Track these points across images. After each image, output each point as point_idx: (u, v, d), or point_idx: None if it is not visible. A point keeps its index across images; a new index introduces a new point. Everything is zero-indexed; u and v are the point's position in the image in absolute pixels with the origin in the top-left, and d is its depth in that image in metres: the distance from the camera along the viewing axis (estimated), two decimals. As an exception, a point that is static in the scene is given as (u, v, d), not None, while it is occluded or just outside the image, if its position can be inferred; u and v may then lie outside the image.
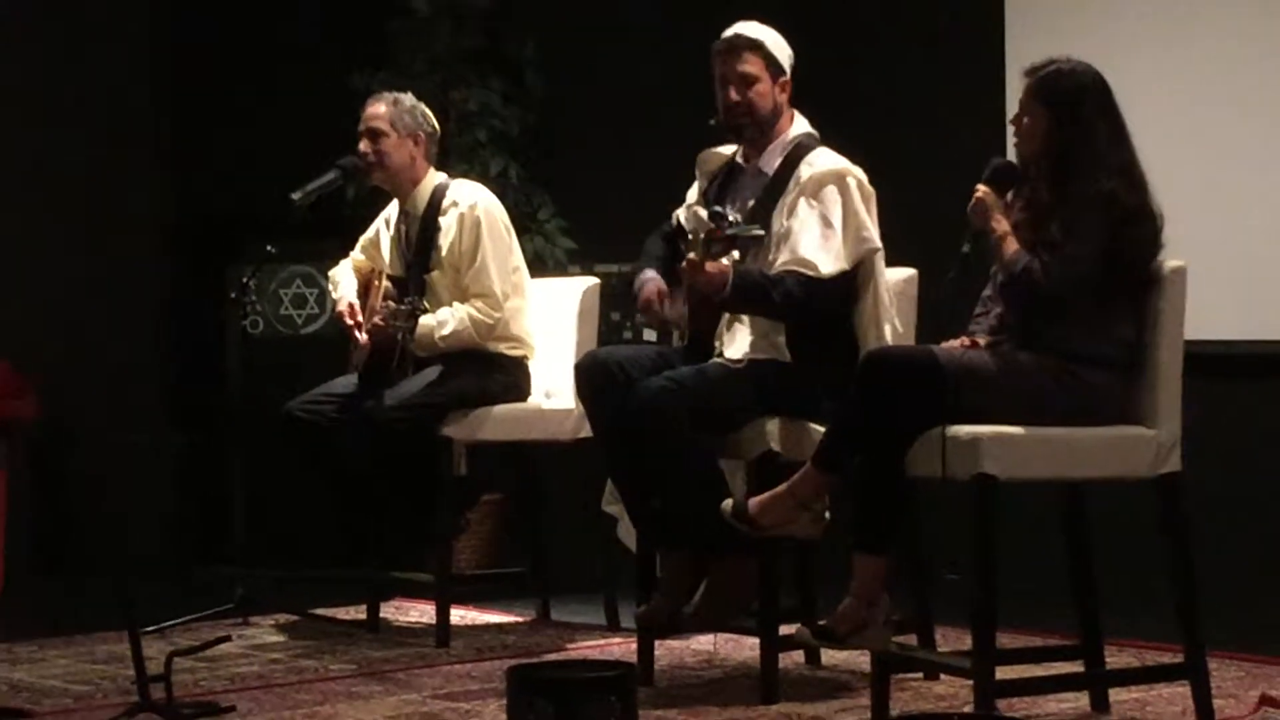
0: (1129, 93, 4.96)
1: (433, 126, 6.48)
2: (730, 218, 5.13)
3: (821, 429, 5.01)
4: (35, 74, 8.06)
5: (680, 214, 5.60)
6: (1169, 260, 4.84)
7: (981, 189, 4.92)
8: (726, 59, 5.47)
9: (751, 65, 5.44)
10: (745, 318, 5.35)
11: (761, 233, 5.20)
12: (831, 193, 5.30)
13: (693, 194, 5.65)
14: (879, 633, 4.85)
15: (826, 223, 5.27)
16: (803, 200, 5.30)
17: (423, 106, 6.48)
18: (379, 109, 6.43)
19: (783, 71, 5.46)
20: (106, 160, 8.16)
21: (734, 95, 5.45)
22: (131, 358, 8.15)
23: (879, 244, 5.32)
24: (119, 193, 8.19)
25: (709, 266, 5.08)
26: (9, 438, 7.56)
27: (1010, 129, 5.01)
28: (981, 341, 4.91)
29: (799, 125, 5.51)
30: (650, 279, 5.47)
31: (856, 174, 5.36)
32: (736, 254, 5.09)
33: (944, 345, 4.90)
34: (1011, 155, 5.12)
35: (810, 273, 5.20)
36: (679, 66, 5.61)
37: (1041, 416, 4.74)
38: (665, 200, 5.73)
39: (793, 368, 5.28)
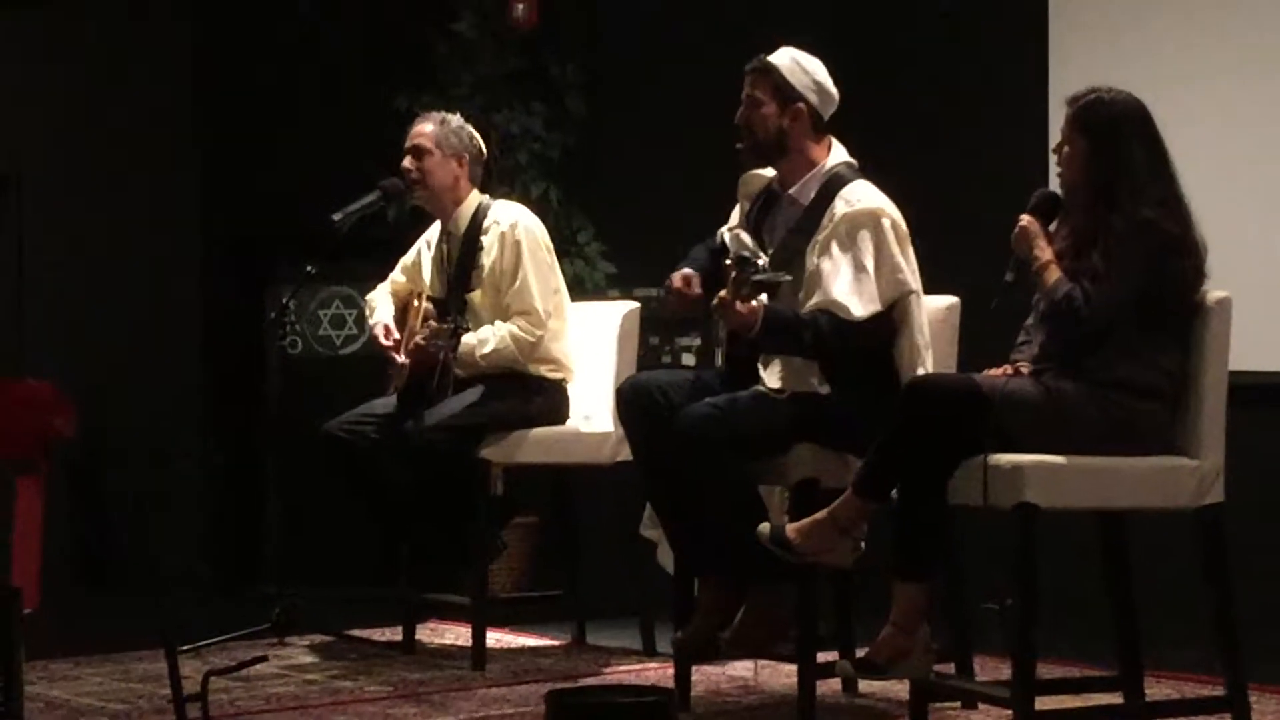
0: (1172, 123, 4.95)
1: (479, 148, 6.49)
2: (758, 262, 5.10)
3: (860, 460, 5.00)
4: (78, 94, 8.09)
5: (724, 233, 5.60)
6: (1213, 291, 4.83)
7: (1025, 218, 4.91)
8: (744, 82, 5.49)
9: (757, 90, 5.44)
10: (784, 348, 5.34)
11: (788, 278, 5.18)
12: (865, 234, 5.27)
13: (735, 216, 5.64)
14: (919, 661, 4.84)
15: (859, 265, 5.24)
16: (836, 241, 5.27)
17: (470, 128, 6.49)
18: (425, 128, 6.44)
19: (795, 98, 5.42)
20: (147, 181, 8.19)
21: (737, 118, 5.47)
22: (171, 377, 8.17)
23: (912, 286, 5.29)
24: (160, 213, 8.22)
25: (739, 307, 5.07)
26: (48, 456, 7.58)
27: (1053, 158, 5.00)
28: (1024, 370, 4.90)
29: (837, 155, 5.48)
30: (683, 269, 5.46)
31: (891, 214, 5.32)
32: (765, 297, 5.08)
33: (986, 373, 4.89)
34: (1055, 185, 5.11)
35: (842, 315, 5.19)
36: (720, 90, 5.59)
37: (1084, 445, 4.72)
38: (705, 224, 5.72)
39: (832, 399, 5.26)
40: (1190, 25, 6.57)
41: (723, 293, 5.09)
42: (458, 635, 6.71)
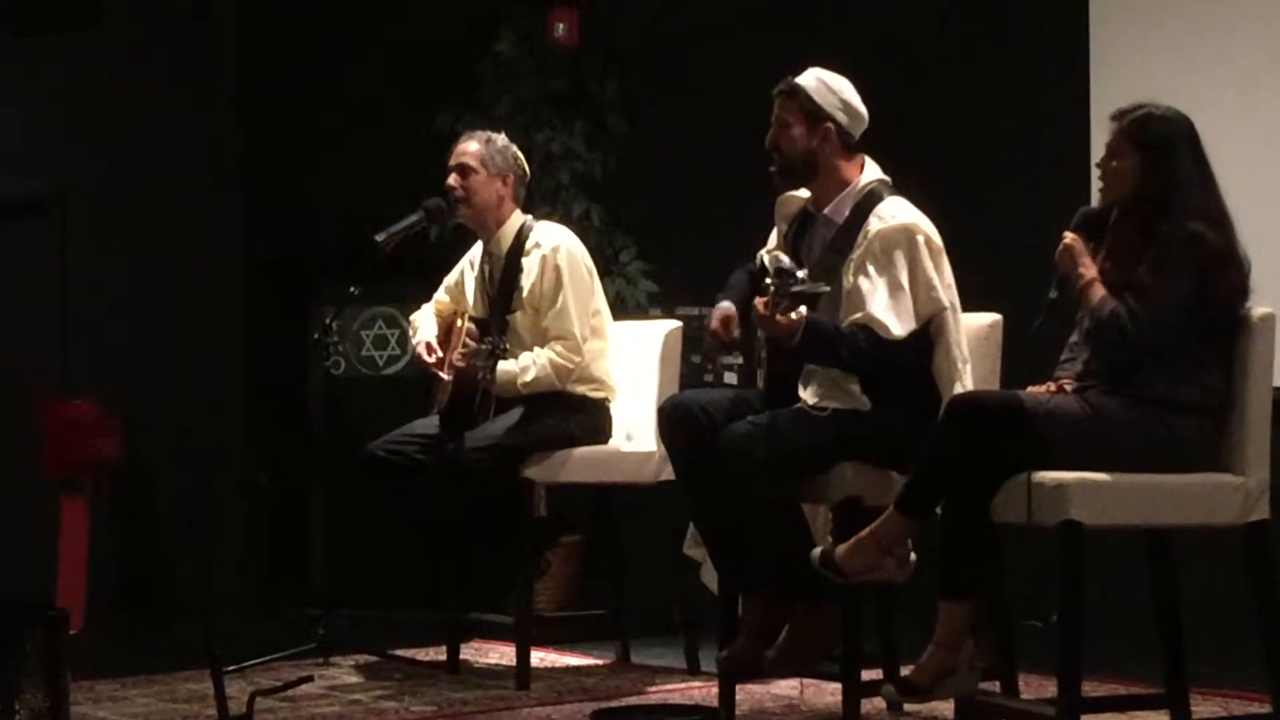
0: (1213, 139, 4.94)
1: (523, 169, 6.50)
2: (798, 274, 5.10)
3: (903, 478, 5.00)
4: (121, 116, 8.13)
5: (764, 255, 5.60)
6: (1257, 307, 4.81)
7: (1069, 236, 4.91)
8: (775, 103, 5.50)
9: (785, 111, 5.46)
10: (823, 365, 5.34)
11: (827, 289, 5.17)
12: (899, 252, 5.26)
13: (773, 239, 5.65)
14: (964, 679, 4.84)
15: (896, 283, 5.23)
16: (871, 259, 5.26)
17: (515, 148, 6.50)
18: (471, 146, 6.46)
19: (824, 118, 5.42)
20: (191, 201, 8.22)
21: (767, 140, 5.48)
22: (215, 398, 8.21)
23: (947, 303, 5.28)
24: (203, 234, 8.25)
25: (779, 318, 5.07)
26: (94, 476, 7.61)
27: (1096, 173, 4.99)
28: (1068, 387, 4.89)
29: (870, 172, 5.48)
30: (723, 306, 5.47)
31: (925, 229, 5.32)
32: (804, 309, 5.08)
33: (1030, 390, 4.89)
34: (1096, 200, 5.10)
35: (881, 333, 5.18)
36: (760, 110, 5.60)
37: (1128, 462, 4.72)
38: (746, 244, 5.73)
39: (873, 416, 5.26)
40: (1233, 42, 6.56)
41: (760, 302, 5.08)
42: (502, 655, 6.72)
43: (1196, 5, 6.70)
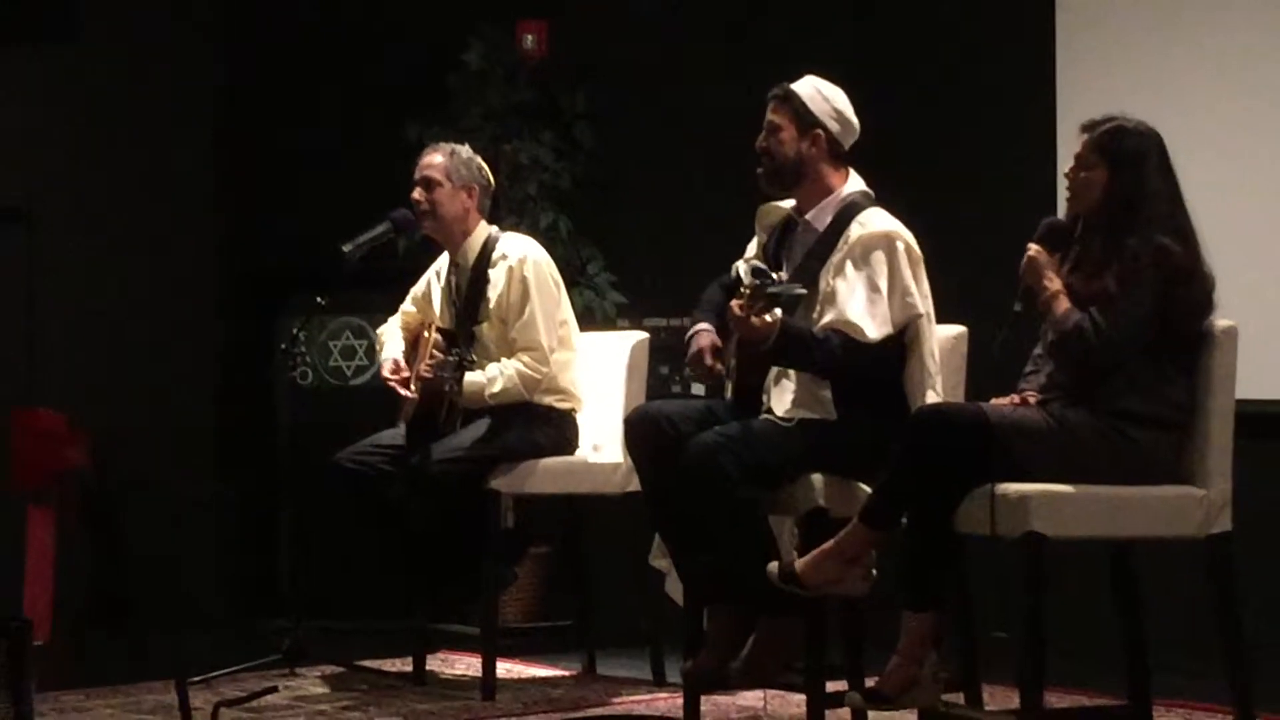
0: (1178, 153, 4.96)
1: (488, 180, 6.51)
2: (774, 275, 5.12)
3: (869, 488, 5.01)
4: (90, 128, 8.12)
5: (740, 266, 5.61)
6: (1220, 320, 4.83)
7: (1033, 248, 4.92)
8: (767, 108, 5.52)
9: (776, 115, 5.47)
10: (792, 374, 5.35)
11: (804, 291, 5.19)
12: (879, 256, 5.28)
13: (752, 248, 5.65)
14: (927, 690, 4.84)
15: (873, 286, 5.25)
16: (850, 262, 5.29)
17: (479, 160, 6.51)
18: (435, 159, 6.46)
19: (814, 125, 5.45)
20: (157, 212, 8.20)
21: (758, 142, 5.49)
22: (182, 408, 8.18)
23: (923, 310, 5.29)
24: (170, 244, 8.23)
25: (753, 320, 5.07)
26: (61, 487, 7.59)
27: (1063, 183, 5.00)
28: (1032, 399, 4.90)
29: (853, 184, 5.50)
30: (703, 331, 5.47)
31: (905, 237, 5.34)
32: (779, 311, 5.09)
33: (994, 403, 4.90)
34: (1063, 212, 5.11)
35: (856, 337, 5.20)
36: (731, 121, 5.62)
37: (1091, 475, 4.73)
38: (715, 255, 5.73)
39: (841, 426, 5.27)
40: (1200, 55, 6.59)
41: (735, 303, 5.09)
42: (468, 665, 6.72)
43: (1163, 19, 6.73)
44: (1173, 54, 6.66)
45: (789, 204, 5.58)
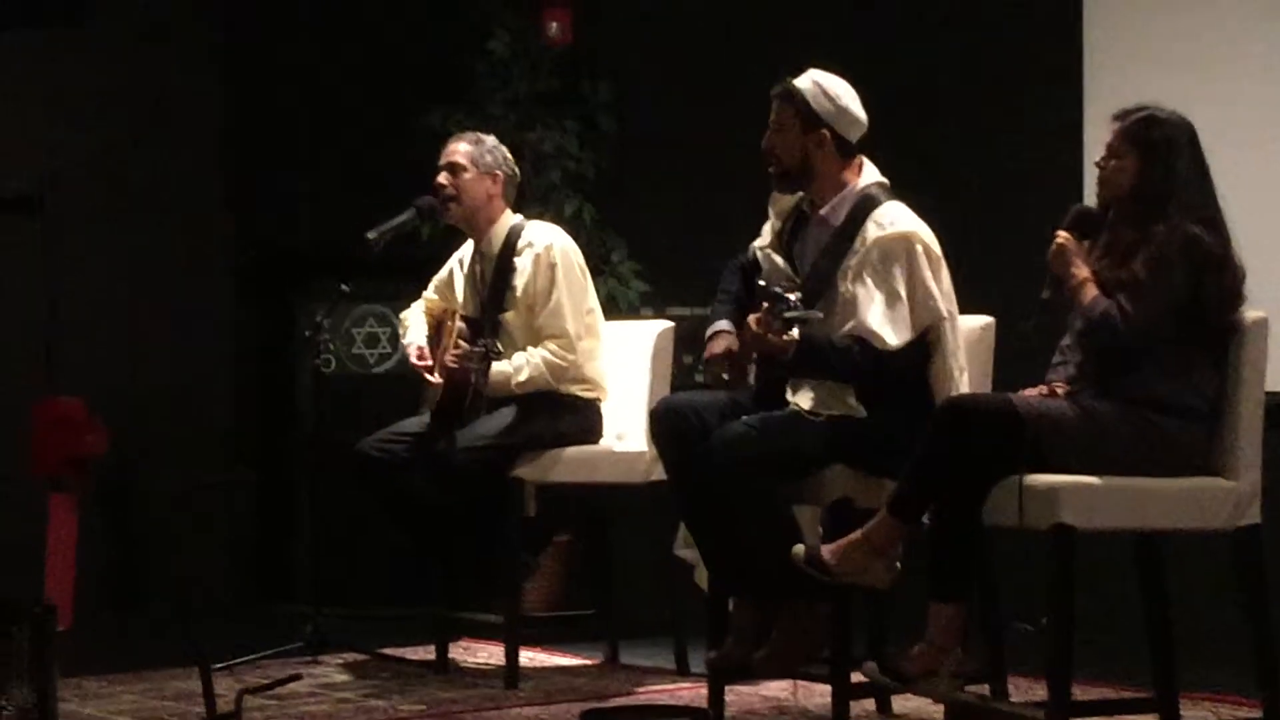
0: (1207, 142, 4.94)
1: (512, 169, 6.50)
2: (789, 298, 5.07)
3: (895, 482, 4.99)
4: (107, 113, 8.11)
5: (756, 251, 5.58)
6: (1250, 311, 4.81)
7: (1062, 235, 4.90)
8: (772, 105, 5.48)
9: (781, 115, 5.43)
10: (816, 372, 5.33)
11: (820, 316, 5.15)
12: (898, 261, 5.24)
13: (766, 231, 5.62)
14: (946, 684, 4.83)
15: (893, 293, 5.21)
16: (868, 268, 5.24)
17: (504, 149, 6.50)
18: (460, 145, 6.45)
19: (819, 124, 5.39)
20: (180, 199, 8.20)
21: (763, 142, 5.46)
22: (204, 396, 8.19)
23: (945, 312, 5.26)
24: (192, 230, 8.23)
25: (771, 338, 5.06)
26: (82, 474, 7.59)
27: (1094, 171, 4.98)
28: (1060, 390, 4.88)
29: (868, 175, 5.46)
30: (722, 333, 5.45)
31: (924, 238, 5.29)
32: (796, 332, 5.06)
33: (1022, 393, 4.88)
34: (1090, 200, 5.09)
35: (876, 345, 5.17)
36: (753, 110, 5.59)
37: (1120, 465, 4.71)
38: (739, 244, 5.71)
39: (868, 421, 5.24)
40: (1228, 45, 6.56)
41: (753, 319, 5.07)
42: (491, 654, 6.71)
43: (1190, 8, 6.70)
44: (1201, 41, 6.63)
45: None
